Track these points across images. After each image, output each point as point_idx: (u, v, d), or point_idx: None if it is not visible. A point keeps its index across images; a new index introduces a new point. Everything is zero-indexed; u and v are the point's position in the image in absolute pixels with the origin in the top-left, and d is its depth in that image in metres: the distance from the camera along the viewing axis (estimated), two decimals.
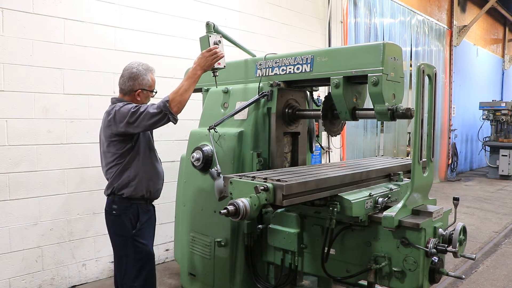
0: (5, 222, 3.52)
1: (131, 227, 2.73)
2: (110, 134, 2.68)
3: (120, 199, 2.73)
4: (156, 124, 2.60)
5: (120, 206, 2.73)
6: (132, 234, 2.73)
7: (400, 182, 2.96)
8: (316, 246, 2.64)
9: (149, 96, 2.88)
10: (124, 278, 2.79)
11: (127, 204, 2.73)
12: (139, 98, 2.80)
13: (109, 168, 2.75)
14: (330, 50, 3.51)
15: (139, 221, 2.76)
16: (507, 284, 4.09)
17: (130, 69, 2.78)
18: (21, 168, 3.58)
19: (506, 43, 15.50)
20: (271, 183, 2.18)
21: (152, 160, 2.87)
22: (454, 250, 2.27)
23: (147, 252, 2.80)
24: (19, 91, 3.54)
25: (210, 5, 4.97)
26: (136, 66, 2.79)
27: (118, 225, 2.75)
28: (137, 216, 2.76)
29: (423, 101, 2.28)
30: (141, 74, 2.78)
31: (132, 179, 2.72)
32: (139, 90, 2.78)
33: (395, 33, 8.56)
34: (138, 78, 2.77)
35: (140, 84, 2.78)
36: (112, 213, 2.75)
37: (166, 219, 4.55)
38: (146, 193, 2.79)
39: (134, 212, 2.75)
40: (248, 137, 3.01)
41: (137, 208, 2.76)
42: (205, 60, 2.74)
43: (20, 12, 3.51)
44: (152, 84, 2.86)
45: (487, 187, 9.92)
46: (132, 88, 2.77)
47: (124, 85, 2.78)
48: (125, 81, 2.78)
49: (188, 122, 4.47)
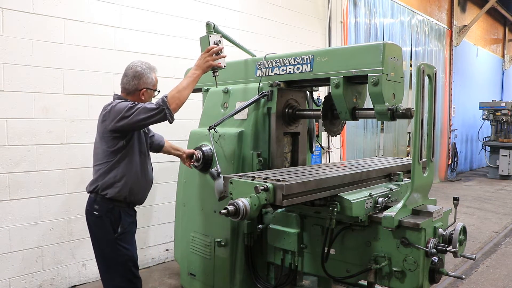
0: (5, 222, 3.52)
1: (113, 230, 2.64)
2: (103, 130, 2.62)
3: (102, 199, 2.64)
4: (150, 119, 2.52)
5: (102, 207, 2.64)
6: (114, 238, 2.63)
7: (400, 182, 2.96)
8: (316, 246, 2.64)
9: (152, 96, 2.85)
10: (107, 277, 2.71)
11: (109, 206, 2.64)
12: (143, 98, 2.76)
13: (97, 164, 2.68)
14: (330, 50, 3.51)
15: (122, 224, 2.66)
16: (507, 284, 4.09)
17: (134, 68, 2.74)
18: (21, 168, 3.58)
19: (506, 43, 15.51)
20: (271, 183, 2.19)
21: (143, 165, 2.78)
22: (454, 250, 2.27)
23: (129, 257, 2.69)
24: (19, 91, 3.54)
25: (210, 5, 4.97)
26: (140, 65, 2.76)
27: (100, 227, 2.66)
28: (119, 219, 2.66)
29: (423, 101, 2.28)
30: (146, 73, 2.75)
31: (118, 180, 2.63)
32: (144, 89, 2.75)
33: (395, 33, 8.56)
34: (143, 77, 2.74)
35: (145, 83, 2.75)
36: (93, 213, 2.66)
37: (166, 219, 4.55)
38: (130, 196, 2.68)
39: (116, 214, 2.65)
40: (248, 137, 3.01)
41: (119, 211, 2.66)
42: (204, 61, 2.74)
43: (20, 12, 3.51)
44: (155, 83, 2.84)
45: (487, 187, 9.92)
46: (137, 87, 2.74)
47: (129, 85, 2.74)
48: (129, 81, 2.74)
49: (188, 122, 4.48)
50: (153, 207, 4.55)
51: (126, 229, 2.70)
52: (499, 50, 15.27)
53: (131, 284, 2.72)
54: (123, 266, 2.67)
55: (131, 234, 2.78)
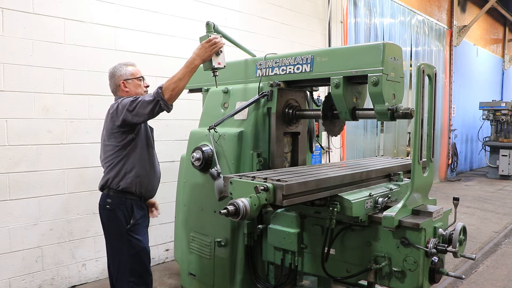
0: (5, 222, 3.52)
1: (125, 222, 2.73)
2: (112, 126, 2.71)
3: (114, 193, 2.73)
4: (153, 112, 2.60)
5: (114, 200, 2.73)
6: (126, 229, 2.72)
7: (400, 182, 2.96)
8: (316, 246, 2.64)
9: (139, 84, 2.90)
10: (119, 273, 2.78)
11: (121, 199, 2.73)
12: (127, 89, 2.84)
13: (107, 161, 2.77)
14: (330, 50, 3.51)
15: (134, 216, 2.75)
16: (507, 284, 4.09)
17: (109, 72, 2.90)
18: (21, 168, 3.58)
19: (506, 43, 15.50)
20: (271, 183, 2.18)
21: (150, 157, 2.88)
22: (454, 250, 2.27)
23: (142, 248, 2.78)
24: (19, 91, 3.54)
25: (210, 5, 4.97)
26: (113, 67, 2.90)
27: (112, 220, 2.75)
28: (131, 211, 2.75)
29: (423, 101, 2.28)
30: (117, 69, 2.86)
31: (129, 171, 2.73)
32: (122, 82, 2.83)
33: (395, 33, 8.56)
34: (115, 73, 2.86)
35: (120, 77, 2.84)
36: (106, 207, 2.75)
37: (166, 219, 4.55)
38: (141, 187, 2.78)
39: (128, 207, 2.74)
40: (248, 137, 3.01)
41: (131, 203, 2.75)
42: (204, 51, 2.75)
43: (20, 12, 3.51)
44: (134, 72, 2.89)
45: (487, 187, 9.92)
46: (116, 84, 2.85)
47: (111, 86, 2.90)
48: (109, 83, 2.90)
49: (188, 122, 4.48)
50: None
51: (138, 221, 2.78)
52: (499, 50, 15.27)
53: (141, 279, 2.76)
54: (135, 258, 2.73)
55: (144, 226, 2.86)
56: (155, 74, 4.40)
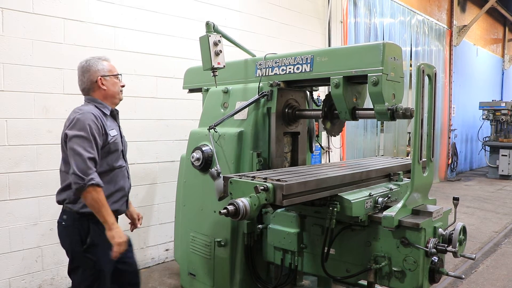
0: (5, 222, 3.52)
1: (81, 241, 2.44)
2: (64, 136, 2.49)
3: (70, 210, 2.47)
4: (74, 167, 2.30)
5: (69, 217, 2.47)
6: (82, 249, 2.44)
7: (400, 182, 2.96)
8: (316, 246, 2.64)
9: (116, 83, 2.60)
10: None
11: (75, 216, 2.45)
12: (104, 87, 2.53)
13: (65, 176, 2.50)
14: (330, 50, 3.52)
15: (90, 235, 2.44)
16: (507, 284, 4.09)
17: (80, 66, 2.55)
18: (21, 168, 3.58)
19: (506, 43, 15.50)
20: (271, 183, 2.19)
21: (114, 177, 2.55)
22: (454, 250, 2.27)
23: (98, 270, 2.46)
24: (19, 91, 3.54)
25: (210, 5, 4.97)
26: (84, 60, 2.56)
27: (66, 237, 2.50)
28: (87, 230, 2.44)
29: (423, 101, 2.28)
30: (93, 62, 2.54)
31: None
32: (100, 77, 2.52)
33: (395, 33, 8.56)
34: (91, 67, 2.52)
35: (97, 71, 2.52)
36: (62, 224, 2.51)
37: (166, 219, 4.55)
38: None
39: (84, 225, 2.44)
40: (248, 137, 3.01)
41: (88, 221, 2.44)
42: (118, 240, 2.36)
43: (20, 12, 3.51)
44: (111, 69, 2.59)
45: (487, 187, 9.92)
46: (90, 80, 2.51)
47: (82, 83, 2.54)
48: (81, 79, 2.54)
49: (188, 122, 4.48)
50: (153, 207, 4.55)
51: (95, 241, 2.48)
52: (499, 50, 15.27)
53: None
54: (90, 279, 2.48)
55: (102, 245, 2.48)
56: (155, 74, 4.42)
